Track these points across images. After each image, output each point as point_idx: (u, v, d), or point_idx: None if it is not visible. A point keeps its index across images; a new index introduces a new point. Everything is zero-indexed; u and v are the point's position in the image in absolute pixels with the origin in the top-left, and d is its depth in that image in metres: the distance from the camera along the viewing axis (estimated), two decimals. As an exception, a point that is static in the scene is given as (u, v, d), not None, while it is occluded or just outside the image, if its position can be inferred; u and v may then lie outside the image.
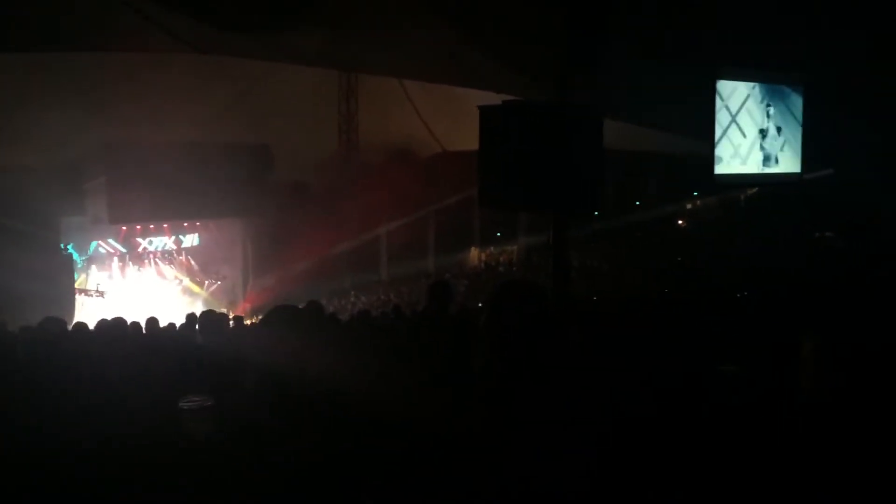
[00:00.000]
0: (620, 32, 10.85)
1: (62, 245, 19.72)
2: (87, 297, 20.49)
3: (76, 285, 20.28)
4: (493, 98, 9.90)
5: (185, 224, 23.30)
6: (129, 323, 6.50)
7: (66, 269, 19.61)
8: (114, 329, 5.89)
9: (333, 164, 23.78)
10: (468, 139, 9.19)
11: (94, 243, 21.36)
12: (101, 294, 20.65)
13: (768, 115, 17.35)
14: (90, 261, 21.35)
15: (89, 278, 21.13)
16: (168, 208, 20.63)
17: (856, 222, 15.94)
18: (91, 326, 6.87)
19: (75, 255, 20.48)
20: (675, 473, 2.06)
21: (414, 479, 2.24)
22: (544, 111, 7.16)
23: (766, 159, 17.59)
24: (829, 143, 16.83)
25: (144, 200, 19.55)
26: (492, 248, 26.12)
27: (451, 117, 21.41)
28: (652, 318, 6.55)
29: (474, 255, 26.27)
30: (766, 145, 17.46)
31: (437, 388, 2.87)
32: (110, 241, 21.87)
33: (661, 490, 2.03)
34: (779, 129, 17.55)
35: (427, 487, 2.16)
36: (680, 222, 25.28)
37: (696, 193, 24.72)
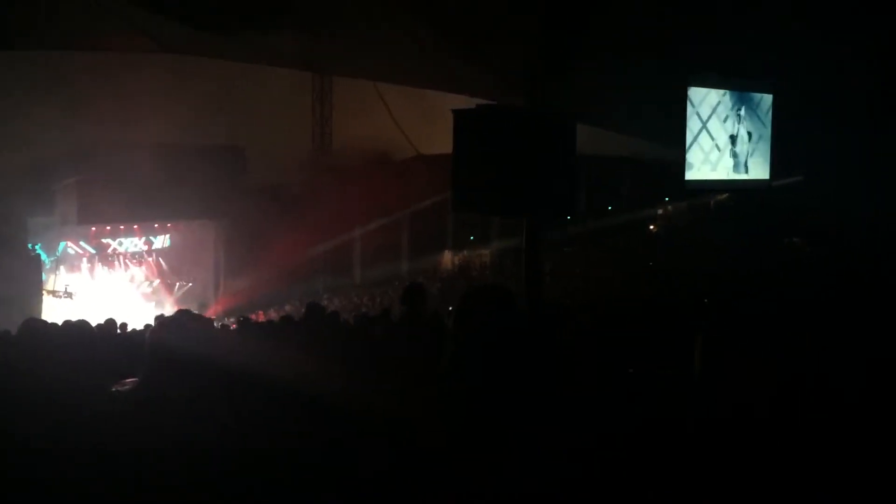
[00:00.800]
0: (593, 38, 10.94)
1: (30, 245, 19.44)
2: (55, 298, 20.20)
3: (44, 286, 19.98)
4: (468, 102, 9.95)
5: (156, 225, 23.07)
6: (95, 325, 6.43)
7: (34, 270, 19.32)
8: (78, 330, 5.81)
9: (307, 166, 23.71)
10: (442, 143, 9.22)
11: (62, 244, 21.08)
12: (70, 295, 20.37)
13: (738, 122, 17.59)
14: (59, 261, 21.07)
15: (58, 279, 20.84)
16: (139, 209, 20.43)
17: (823, 228, 16.19)
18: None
19: (43, 256, 20.19)
20: (649, 479, 2.07)
21: (386, 482, 2.24)
22: (518, 116, 7.20)
23: (736, 166, 17.81)
24: (798, 150, 17.08)
25: (115, 201, 19.34)
26: (465, 252, 26.14)
27: (425, 121, 21.43)
28: (623, 322, 6.60)
29: (448, 258, 26.28)
30: (736, 152, 17.69)
31: (409, 392, 2.88)
32: (80, 241, 21.59)
33: (638, 495, 2.04)
34: (748, 136, 17.79)
35: (400, 491, 2.17)
36: (651, 227, 25.49)
37: (667, 199, 24.95)
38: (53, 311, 19.06)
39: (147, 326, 8.96)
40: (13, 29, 14.00)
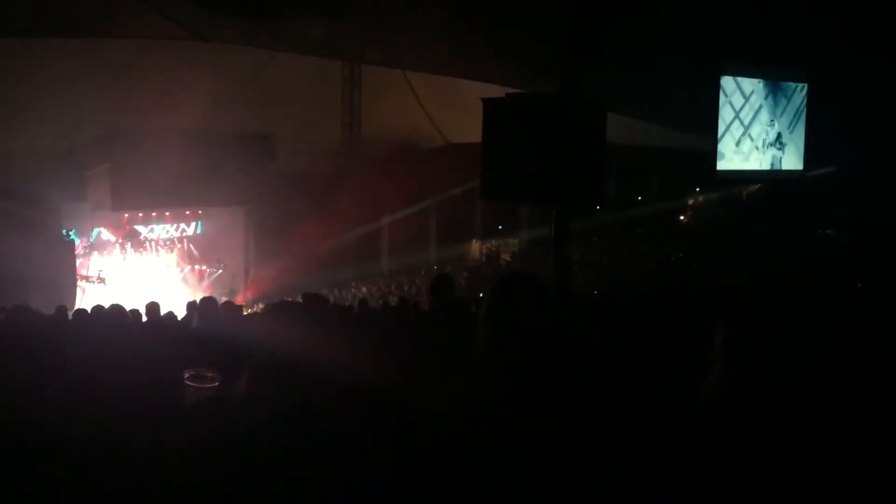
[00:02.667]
0: (625, 27, 10.83)
1: (64, 231, 19.74)
2: (88, 283, 20.51)
3: (78, 271, 20.30)
4: (497, 91, 9.90)
5: (188, 212, 23.30)
6: (128, 310, 6.49)
7: (68, 256, 19.63)
8: (112, 316, 5.86)
9: (336, 153, 23.78)
10: (471, 131, 9.20)
11: (96, 230, 21.38)
12: (103, 281, 20.67)
13: (771, 112, 17.34)
14: (92, 247, 21.37)
15: (91, 265, 21.16)
16: (170, 196, 20.65)
17: (857, 218, 15.94)
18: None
19: (77, 242, 20.50)
20: (677, 474, 2.05)
21: (417, 472, 2.23)
22: (547, 105, 7.15)
23: (769, 156, 17.59)
24: (832, 140, 16.81)
25: (147, 188, 19.56)
26: (493, 241, 26.12)
27: (454, 109, 21.39)
28: (651, 313, 6.56)
29: (475, 247, 26.28)
30: (769, 142, 17.45)
31: (435, 380, 2.88)
32: (113, 228, 21.89)
33: (663, 489, 2.02)
34: (782, 126, 17.54)
35: (431, 481, 2.16)
36: (682, 218, 25.26)
37: (697, 189, 24.69)
38: (87, 297, 19.37)
39: (169, 312, 9.00)
40: (36, 17, 14.12)
